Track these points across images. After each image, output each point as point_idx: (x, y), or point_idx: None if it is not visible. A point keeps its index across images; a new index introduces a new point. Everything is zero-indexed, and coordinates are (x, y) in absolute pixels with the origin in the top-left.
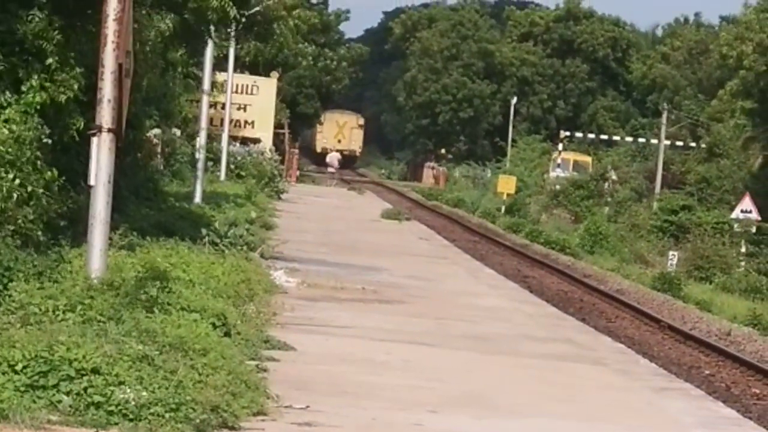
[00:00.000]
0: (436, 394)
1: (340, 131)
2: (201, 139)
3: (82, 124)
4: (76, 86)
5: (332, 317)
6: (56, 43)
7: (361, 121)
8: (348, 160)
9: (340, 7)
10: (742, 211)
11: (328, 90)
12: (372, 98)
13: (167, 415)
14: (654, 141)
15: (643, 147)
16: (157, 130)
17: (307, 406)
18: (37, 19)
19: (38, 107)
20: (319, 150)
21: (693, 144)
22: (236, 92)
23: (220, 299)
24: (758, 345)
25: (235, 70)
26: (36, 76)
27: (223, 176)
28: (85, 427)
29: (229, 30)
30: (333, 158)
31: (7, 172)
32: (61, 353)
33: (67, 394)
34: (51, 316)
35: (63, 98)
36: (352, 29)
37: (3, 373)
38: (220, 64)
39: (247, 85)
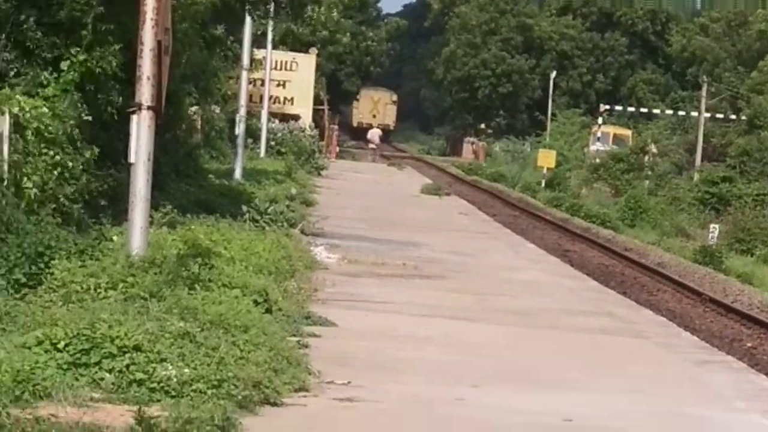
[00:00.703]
0: (477, 368)
1: (375, 107)
2: (241, 116)
3: (122, 101)
4: (114, 63)
5: (373, 293)
6: (94, 20)
7: (395, 98)
8: (383, 133)
9: None
10: None
11: (367, 69)
12: (411, 74)
13: (209, 392)
14: (694, 114)
15: (683, 120)
16: (197, 107)
17: (349, 382)
18: None
19: (77, 84)
20: (355, 124)
21: (733, 116)
22: (275, 69)
23: (261, 276)
24: None
25: (274, 47)
26: (74, 54)
27: (263, 153)
28: (127, 405)
29: (267, 6)
30: (374, 134)
31: (47, 150)
32: (103, 331)
33: (110, 371)
34: (93, 294)
35: (102, 75)
36: (390, 5)
37: (45, 351)
38: (259, 41)
39: (287, 62)
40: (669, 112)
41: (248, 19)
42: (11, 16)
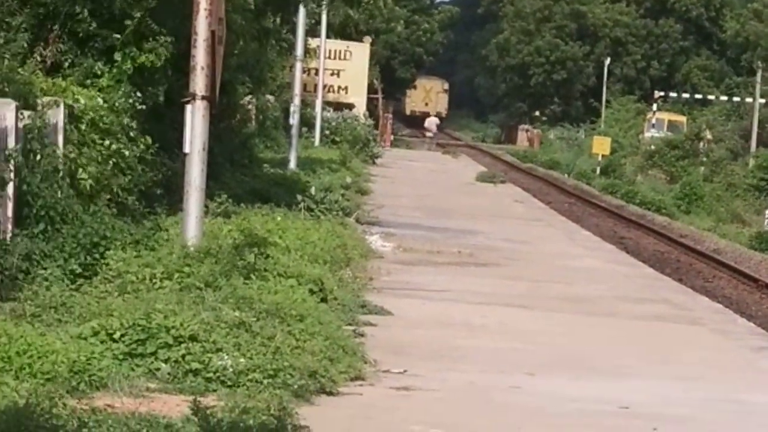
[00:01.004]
0: (533, 356)
1: (427, 95)
2: (295, 105)
3: (176, 91)
4: (167, 53)
5: (428, 281)
6: (147, 10)
7: (446, 86)
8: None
9: None
10: None
11: (420, 57)
12: (465, 62)
13: (265, 382)
14: (749, 99)
15: (737, 106)
16: (251, 97)
17: (405, 371)
18: None
19: (131, 75)
20: (408, 113)
21: None
22: (329, 58)
23: (316, 265)
24: None
25: (327, 36)
26: (127, 45)
27: (317, 142)
28: (183, 395)
29: None
30: (431, 123)
31: (102, 141)
32: (159, 321)
33: (165, 361)
34: (148, 284)
35: (155, 66)
36: None
37: (101, 342)
38: (313, 30)
39: (340, 51)
40: (724, 98)
41: (301, 9)
42: (65, 8)
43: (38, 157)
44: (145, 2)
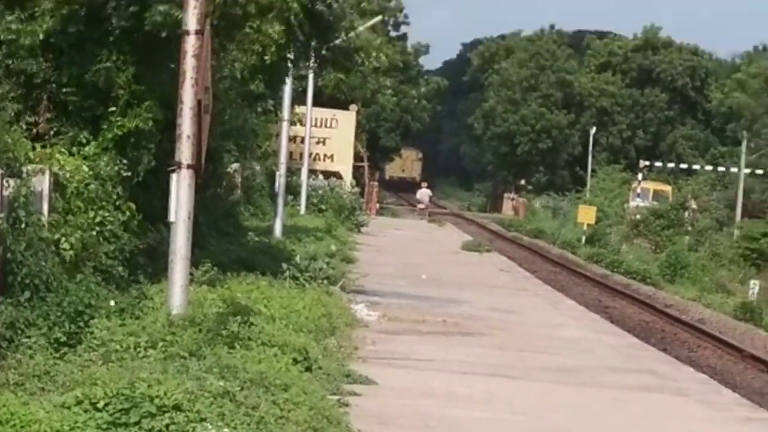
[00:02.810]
0: (519, 427)
1: (404, 163)
2: (281, 173)
3: (161, 159)
4: (151, 122)
5: (414, 350)
6: (131, 80)
7: (420, 155)
8: (409, 184)
9: (420, 41)
10: None
11: (407, 126)
12: (451, 130)
13: None
14: (734, 169)
15: (723, 175)
16: (236, 165)
17: None
18: (112, 58)
19: (116, 143)
20: (387, 177)
21: None
22: (316, 126)
23: (301, 334)
24: None
25: (314, 104)
26: (113, 114)
27: (303, 210)
28: None
29: (308, 63)
30: (424, 194)
31: (87, 209)
32: (143, 390)
33: (149, 431)
34: (132, 353)
35: (140, 134)
36: (430, 62)
37: (85, 411)
38: (299, 98)
39: (327, 119)
40: (709, 167)
41: (289, 76)
42: (51, 77)
43: (23, 225)
44: (129, 72)
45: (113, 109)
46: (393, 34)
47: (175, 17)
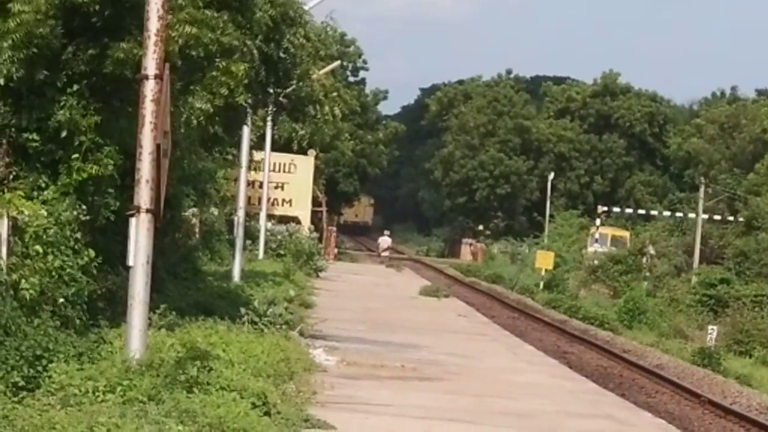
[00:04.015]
0: None
1: (357, 208)
2: (239, 218)
3: (120, 204)
4: (111, 167)
5: (372, 395)
6: (91, 125)
7: (372, 201)
8: (362, 228)
9: (379, 87)
10: None
11: (365, 170)
12: (409, 175)
13: None
14: (692, 215)
15: (680, 221)
16: (194, 209)
17: None
18: (72, 102)
19: (75, 188)
20: (341, 222)
21: (731, 218)
22: (274, 171)
23: (260, 378)
24: None
25: (273, 149)
26: (72, 159)
27: (261, 255)
28: None
29: (266, 110)
30: (385, 242)
31: (46, 254)
32: None
33: None
34: (91, 398)
35: (100, 179)
36: (388, 107)
37: None
38: (258, 143)
39: (285, 164)
40: (667, 213)
41: (247, 123)
42: (11, 121)
43: None
44: (89, 119)
45: (75, 155)
46: (352, 79)
47: (136, 55)
